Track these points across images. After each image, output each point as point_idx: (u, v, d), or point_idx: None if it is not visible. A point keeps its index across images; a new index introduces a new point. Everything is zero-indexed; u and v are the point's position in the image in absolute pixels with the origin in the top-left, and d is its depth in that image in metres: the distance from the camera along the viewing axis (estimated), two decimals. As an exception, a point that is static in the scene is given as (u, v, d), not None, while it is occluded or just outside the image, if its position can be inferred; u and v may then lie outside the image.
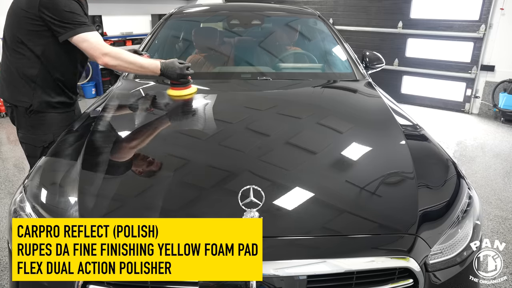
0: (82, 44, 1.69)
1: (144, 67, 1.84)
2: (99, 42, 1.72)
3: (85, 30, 1.68)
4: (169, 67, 1.86)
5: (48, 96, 1.78)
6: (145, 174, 1.42)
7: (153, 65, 1.85)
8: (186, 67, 1.90)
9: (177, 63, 1.88)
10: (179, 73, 1.87)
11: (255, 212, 1.16)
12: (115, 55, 1.75)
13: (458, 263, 1.24)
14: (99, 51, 1.70)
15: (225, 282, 1.09)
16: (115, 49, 1.77)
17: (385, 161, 1.49)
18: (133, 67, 1.82)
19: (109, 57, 1.72)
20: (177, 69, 1.86)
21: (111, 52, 1.73)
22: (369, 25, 6.37)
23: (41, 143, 1.81)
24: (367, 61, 2.68)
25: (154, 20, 7.27)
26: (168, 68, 1.86)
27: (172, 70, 1.86)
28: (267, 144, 1.56)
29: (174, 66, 1.86)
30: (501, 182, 3.49)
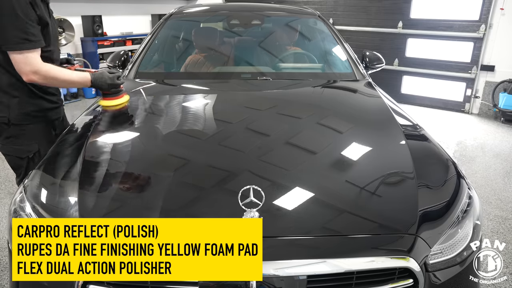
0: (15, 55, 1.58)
1: (76, 82, 1.79)
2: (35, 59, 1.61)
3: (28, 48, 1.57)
4: (99, 78, 1.82)
5: (25, 105, 1.70)
6: (145, 174, 1.42)
7: (83, 79, 1.80)
8: (116, 76, 1.85)
9: (107, 74, 1.84)
10: (109, 83, 1.83)
11: (255, 212, 1.16)
12: (45, 73, 1.64)
13: (458, 263, 1.24)
14: (29, 68, 1.59)
15: (225, 282, 1.09)
16: (45, 67, 1.65)
17: (385, 161, 1.49)
18: (63, 84, 1.77)
19: (38, 76, 1.62)
20: (107, 79, 1.82)
21: (41, 70, 1.62)
22: (369, 25, 6.37)
23: (25, 154, 1.76)
24: (367, 61, 2.69)
25: (154, 20, 7.27)
26: (98, 79, 1.82)
27: (102, 81, 1.81)
28: (267, 144, 1.56)
29: (103, 77, 1.82)
30: (501, 182, 3.49)
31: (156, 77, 2.32)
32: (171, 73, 2.56)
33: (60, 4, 5.81)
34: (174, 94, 2.13)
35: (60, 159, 1.49)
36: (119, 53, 2.68)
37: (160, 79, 2.30)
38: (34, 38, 1.59)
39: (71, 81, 1.76)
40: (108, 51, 6.20)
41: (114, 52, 2.78)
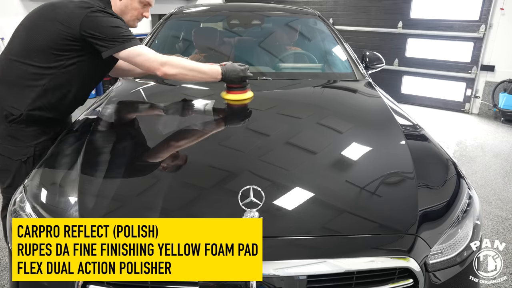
0: (136, 58, 1.61)
1: (205, 73, 1.73)
2: (153, 52, 1.65)
3: (136, 44, 1.61)
4: (231, 71, 1.76)
5: (44, 109, 1.63)
6: (145, 174, 1.42)
7: (213, 70, 1.75)
8: (246, 68, 1.81)
9: (238, 66, 1.79)
10: (242, 75, 1.77)
11: (255, 212, 1.16)
12: (174, 63, 1.65)
13: (458, 263, 1.24)
14: (157, 62, 1.62)
15: (225, 282, 1.09)
16: (172, 57, 1.69)
17: (385, 161, 1.49)
18: (194, 74, 1.72)
19: (168, 66, 1.63)
20: (239, 71, 1.76)
21: (169, 61, 1.65)
22: (369, 25, 6.37)
23: (19, 156, 1.63)
24: (367, 61, 2.69)
25: (154, 20, 7.25)
26: (230, 72, 1.76)
27: (234, 73, 1.76)
28: (267, 144, 1.56)
29: (235, 69, 1.76)
30: (501, 182, 3.49)
31: (156, 77, 2.32)
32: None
33: (60, 4, 5.79)
34: (173, 94, 2.13)
35: (60, 159, 1.49)
36: None
37: (160, 79, 2.30)
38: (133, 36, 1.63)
39: (202, 71, 1.72)
40: (108, 51, 6.18)
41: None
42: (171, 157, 1.51)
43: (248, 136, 1.64)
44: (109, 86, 6.38)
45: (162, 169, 1.42)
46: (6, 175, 1.66)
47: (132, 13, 1.77)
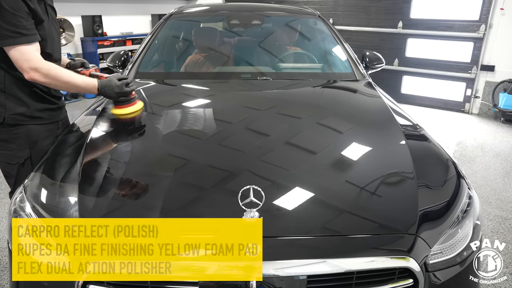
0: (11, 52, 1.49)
1: (79, 87, 1.66)
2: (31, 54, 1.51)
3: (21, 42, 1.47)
4: (106, 86, 1.69)
5: (22, 105, 1.59)
6: (145, 174, 1.42)
7: (90, 85, 1.68)
8: (125, 83, 1.72)
9: (115, 81, 1.70)
10: (117, 91, 1.69)
11: (255, 212, 1.16)
12: (46, 71, 1.53)
13: (458, 263, 1.24)
14: (28, 64, 1.50)
15: (225, 282, 1.09)
16: (47, 66, 1.55)
17: (385, 161, 1.49)
18: (67, 86, 1.64)
19: (39, 74, 1.52)
20: (114, 87, 1.68)
21: (42, 68, 1.52)
22: (369, 25, 6.37)
23: (15, 160, 1.62)
24: (367, 61, 2.69)
25: (154, 20, 7.27)
26: (106, 87, 1.69)
27: (109, 89, 1.69)
28: (267, 144, 1.55)
29: (111, 85, 1.69)
30: (501, 182, 3.49)
31: (156, 77, 2.32)
32: (171, 73, 2.56)
33: (60, 4, 5.80)
34: (174, 94, 2.13)
35: (60, 159, 1.49)
36: (119, 53, 2.68)
37: (160, 79, 2.30)
38: (27, 31, 1.49)
39: (75, 84, 1.64)
40: (108, 51, 6.20)
41: (114, 52, 2.78)
42: (171, 157, 1.51)
43: (248, 136, 1.64)
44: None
45: (162, 169, 1.42)
46: (11, 181, 1.68)
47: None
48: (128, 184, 1.36)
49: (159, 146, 1.57)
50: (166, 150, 1.55)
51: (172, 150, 1.55)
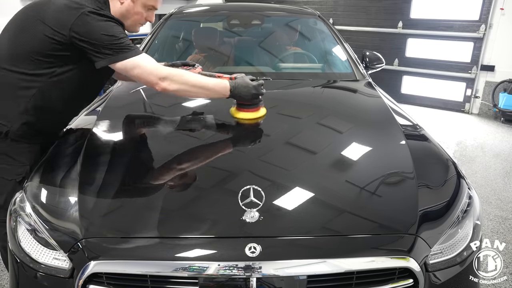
0: (132, 71, 1.43)
1: (210, 89, 1.53)
2: (153, 65, 1.45)
3: (134, 54, 1.42)
4: (242, 86, 1.54)
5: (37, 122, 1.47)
6: (146, 173, 1.42)
7: (221, 85, 1.54)
8: (260, 84, 1.58)
9: (249, 81, 1.57)
10: (254, 92, 1.55)
11: (255, 212, 1.17)
12: (175, 78, 1.47)
13: (458, 263, 1.24)
14: (156, 76, 1.44)
15: (225, 282, 1.09)
16: (174, 71, 1.50)
17: (385, 161, 1.49)
18: (197, 90, 1.52)
19: (169, 81, 1.45)
20: (251, 88, 1.54)
21: (170, 75, 1.46)
22: (369, 25, 6.37)
23: (13, 176, 1.47)
24: (367, 61, 2.69)
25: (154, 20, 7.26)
26: (240, 87, 1.54)
27: (245, 89, 1.54)
28: (267, 144, 1.55)
29: (247, 85, 1.54)
30: (501, 182, 3.49)
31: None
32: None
33: (60, 4, 5.79)
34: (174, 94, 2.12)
35: (60, 159, 1.49)
36: None
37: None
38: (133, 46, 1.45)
39: (207, 87, 1.52)
40: (108, 51, 6.18)
41: (114, 52, 2.78)
42: (172, 157, 1.51)
43: (248, 136, 1.63)
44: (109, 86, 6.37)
45: (163, 169, 1.42)
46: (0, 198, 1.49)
47: (135, 18, 1.59)
48: (128, 184, 1.36)
49: (159, 146, 1.57)
50: (166, 150, 1.55)
51: (172, 150, 1.55)
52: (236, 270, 1.07)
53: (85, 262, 1.10)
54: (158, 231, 1.15)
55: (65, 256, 1.15)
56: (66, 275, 1.15)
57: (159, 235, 1.15)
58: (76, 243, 1.13)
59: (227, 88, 1.54)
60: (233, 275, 1.07)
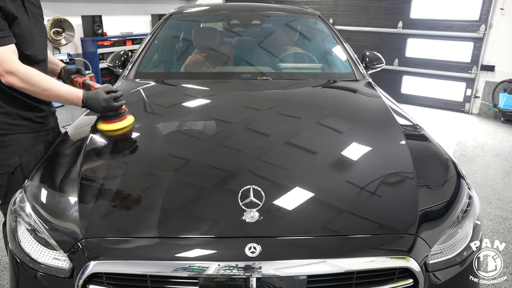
0: None
1: (61, 96, 1.51)
2: (4, 57, 1.38)
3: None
4: (92, 99, 1.55)
5: (5, 114, 1.48)
6: (145, 173, 1.42)
7: (73, 95, 1.54)
8: (113, 97, 1.57)
9: (102, 93, 1.57)
10: (104, 106, 1.55)
11: (255, 212, 1.17)
12: (25, 76, 1.42)
13: (458, 263, 1.24)
14: (3, 68, 1.38)
15: (225, 282, 1.09)
16: (26, 70, 1.43)
17: (385, 161, 1.49)
18: (47, 94, 1.49)
19: (15, 77, 1.40)
20: (101, 101, 1.55)
21: (20, 72, 1.41)
22: (369, 25, 6.37)
23: (4, 169, 1.51)
24: (367, 61, 2.69)
25: (154, 20, 7.26)
26: (91, 100, 1.55)
27: (95, 102, 1.55)
28: (267, 144, 1.55)
29: (97, 98, 1.55)
30: (501, 182, 3.49)
31: (156, 77, 2.32)
32: (171, 73, 2.56)
33: (60, 4, 5.80)
34: (174, 94, 2.13)
35: (60, 159, 1.49)
36: (119, 53, 2.68)
37: (160, 79, 2.30)
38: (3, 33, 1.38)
39: (56, 93, 1.50)
40: (108, 51, 6.19)
41: (114, 52, 2.79)
42: (172, 157, 1.51)
43: (248, 136, 1.64)
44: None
45: (162, 169, 1.42)
46: (1, 192, 1.56)
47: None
48: (128, 184, 1.36)
49: (159, 146, 1.57)
50: (166, 150, 1.55)
51: (172, 150, 1.55)
52: (236, 270, 1.07)
53: (85, 262, 1.10)
54: (158, 231, 1.15)
55: (65, 256, 1.15)
56: (66, 275, 1.15)
57: (159, 235, 1.15)
58: (76, 243, 1.13)
59: (79, 98, 1.55)
60: (233, 275, 1.07)
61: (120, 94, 1.62)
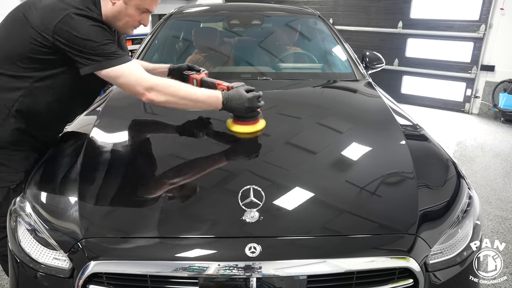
0: (117, 80, 1.37)
1: (201, 101, 1.45)
2: (139, 74, 1.37)
3: (119, 63, 1.34)
4: (235, 99, 1.44)
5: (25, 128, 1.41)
6: (146, 173, 1.42)
7: (212, 98, 1.45)
8: (256, 96, 1.47)
9: (244, 93, 1.46)
10: (248, 106, 1.45)
11: (255, 212, 1.17)
12: (163, 89, 1.39)
13: (458, 263, 1.24)
14: (142, 86, 1.36)
15: (225, 282, 1.09)
16: (162, 81, 1.41)
17: (385, 161, 1.49)
18: (187, 102, 1.43)
19: (155, 92, 1.38)
20: (245, 101, 1.44)
21: (157, 86, 1.38)
22: (369, 25, 6.37)
23: (7, 183, 1.43)
24: (367, 61, 2.69)
25: (154, 20, 7.24)
26: (233, 100, 1.44)
27: (238, 102, 1.44)
28: (267, 144, 1.55)
29: (241, 98, 1.44)
30: (501, 182, 3.49)
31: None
32: (171, 73, 2.56)
33: (60, 4, 5.79)
34: None
35: (60, 159, 1.49)
36: None
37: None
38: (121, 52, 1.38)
39: (197, 99, 1.43)
40: (108, 51, 6.18)
41: (114, 52, 2.78)
42: (172, 156, 1.51)
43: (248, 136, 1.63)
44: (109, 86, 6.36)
45: (163, 168, 1.42)
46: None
47: (127, 20, 1.47)
48: (128, 184, 1.36)
49: (159, 146, 1.57)
50: (166, 150, 1.55)
51: (172, 150, 1.55)
52: (236, 270, 1.07)
53: (85, 262, 1.10)
54: (158, 231, 1.15)
55: (65, 256, 1.15)
56: (66, 275, 1.15)
57: (159, 235, 1.15)
58: (76, 243, 1.13)
59: (219, 101, 1.46)
60: (233, 275, 1.07)
61: (260, 93, 1.51)
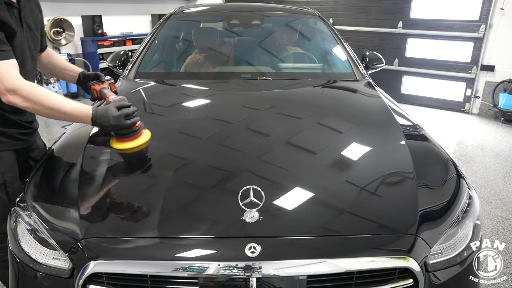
0: None
1: (68, 114, 1.38)
2: (5, 73, 1.26)
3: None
4: (102, 116, 1.39)
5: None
6: (146, 173, 1.42)
7: (82, 113, 1.40)
8: (123, 115, 1.41)
9: (113, 111, 1.40)
10: (113, 124, 1.40)
11: (255, 212, 1.17)
12: (27, 94, 1.29)
13: (458, 263, 1.24)
14: (4, 86, 1.26)
15: (225, 282, 1.09)
16: (29, 86, 1.31)
17: (385, 161, 1.49)
18: (53, 113, 1.36)
19: (17, 96, 1.28)
20: (110, 119, 1.39)
21: (22, 90, 1.28)
22: (369, 25, 6.37)
23: None
24: (367, 61, 2.69)
25: (154, 20, 7.26)
26: (101, 118, 1.40)
27: (105, 120, 1.39)
28: (267, 144, 1.55)
29: (107, 116, 1.39)
30: (501, 182, 3.49)
31: (156, 77, 2.32)
32: (171, 73, 2.56)
33: (60, 4, 5.81)
34: (174, 94, 2.13)
35: (60, 159, 1.49)
36: (119, 53, 2.68)
37: (160, 79, 2.30)
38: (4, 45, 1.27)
39: (63, 111, 1.37)
40: (108, 51, 6.19)
41: (114, 52, 2.79)
42: (172, 157, 1.51)
43: (248, 136, 1.63)
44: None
45: (163, 169, 1.42)
46: None
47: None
48: (128, 184, 1.36)
49: (159, 146, 1.57)
50: (166, 150, 1.55)
51: (172, 150, 1.55)
52: (236, 270, 1.07)
53: (85, 262, 1.10)
54: (158, 231, 1.15)
55: (65, 256, 1.15)
56: (66, 275, 1.15)
57: (159, 235, 1.15)
58: (76, 243, 1.13)
59: (88, 117, 1.41)
60: (233, 275, 1.07)
61: (132, 110, 1.45)
